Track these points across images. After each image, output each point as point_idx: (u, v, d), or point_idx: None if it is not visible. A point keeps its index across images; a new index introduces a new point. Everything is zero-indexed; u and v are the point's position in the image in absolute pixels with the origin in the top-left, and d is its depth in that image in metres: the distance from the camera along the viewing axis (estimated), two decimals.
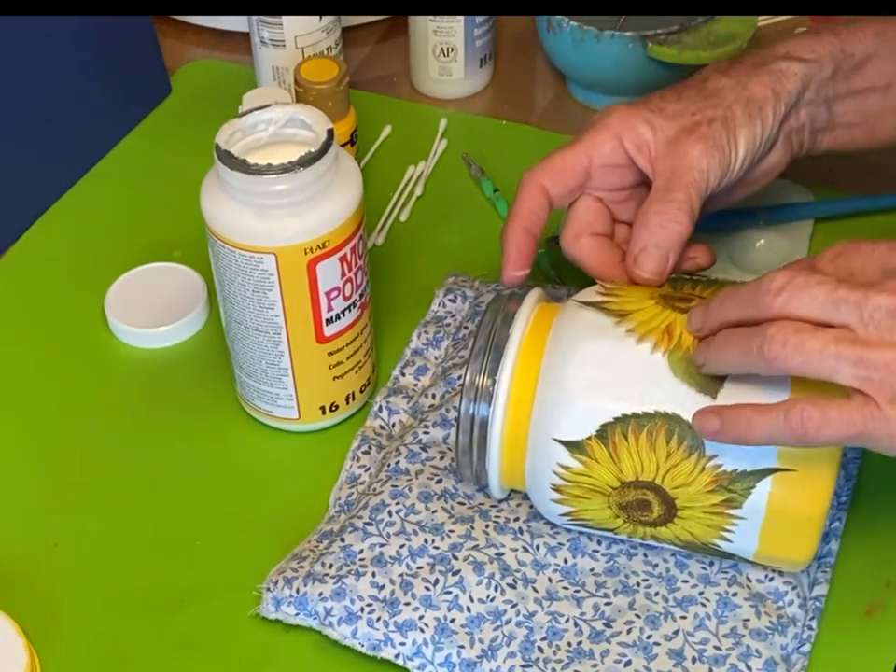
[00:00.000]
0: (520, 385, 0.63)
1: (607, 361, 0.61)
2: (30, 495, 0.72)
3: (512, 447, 0.64)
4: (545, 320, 0.65)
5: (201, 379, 0.78)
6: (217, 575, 0.68)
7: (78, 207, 0.89)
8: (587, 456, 0.61)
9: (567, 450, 0.61)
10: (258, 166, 0.64)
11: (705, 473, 0.60)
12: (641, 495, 0.62)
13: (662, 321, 0.61)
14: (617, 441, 0.61)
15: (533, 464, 0.63)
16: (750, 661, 0.62)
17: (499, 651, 0.63)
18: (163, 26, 1.00)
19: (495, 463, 0.64)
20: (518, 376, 0.63)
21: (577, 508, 0.64)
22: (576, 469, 0.62)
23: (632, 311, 0.62)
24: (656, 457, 0.60)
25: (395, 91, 0.99)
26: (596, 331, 0.62)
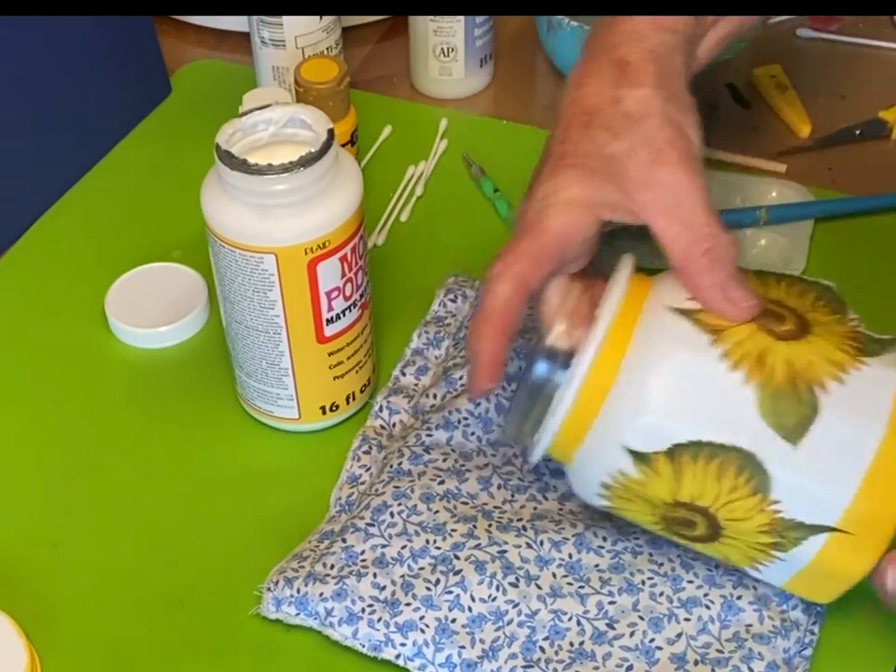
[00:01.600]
0: (601, 366, 0.59)
1: (695, 382, 0.58)
2: (30, 495, 0.72)
3: (575, 426, 0.60)
4: (636, 300, 0.61)
5: (201, 379, 0.78)
6: (217, 575, 0.68)
7: (78, 207, 0.89)
8: (651, 469, 0.59)
9: (631, 459, 0.59)
10: (258, 166, 0.64)
11: (763, 514, 0.59)
12: (690, 516, 0.60)
13: (755, 346, 0.58)
14: (685, 462, 0.58)
15: (588, 455, 0.61)
16: (753, 663, 0.62)
17: (501, 651, 0.63)
18: (163, 26, 1.00)
19: (549, 433, 0.61)
20: (602, 357, 0.59)
21: (618, 506, 0.62)
22: (634, 478, 0.60)
23: (726, 328, 0.59)
24: (720, 488, 0.58)
25: (395, 91, 0.99)
26: (690, 348, 0.59)
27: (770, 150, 0.91)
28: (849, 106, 0.95)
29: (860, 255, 0.84)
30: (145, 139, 0.94)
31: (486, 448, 0.71)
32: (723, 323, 0.59)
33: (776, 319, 0.60)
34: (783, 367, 0.58)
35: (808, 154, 0.91)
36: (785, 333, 0.59)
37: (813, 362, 0.58)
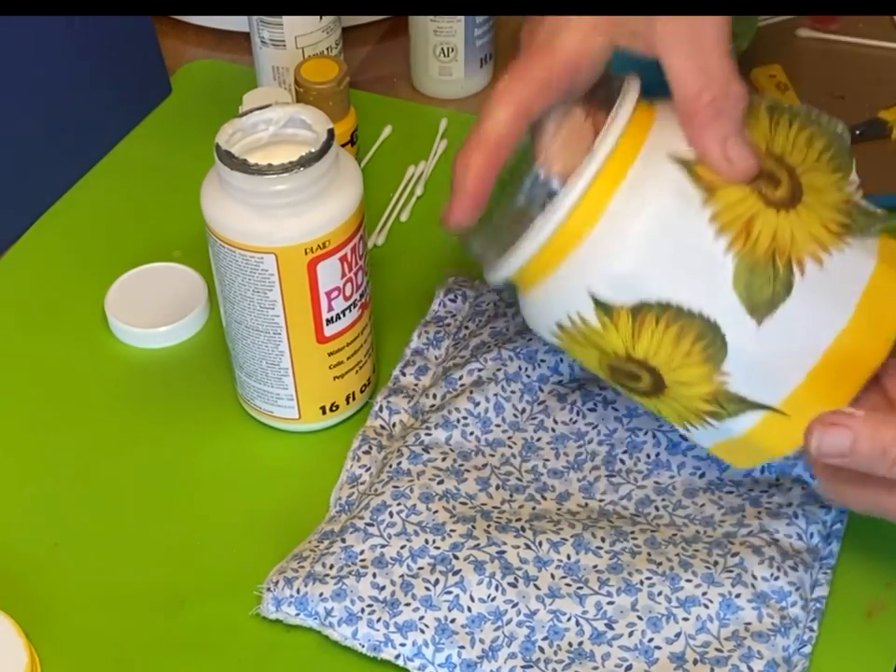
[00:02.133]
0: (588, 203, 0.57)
1: (678, 239, 0.57)
2: (30, 495, 0.72)
3: (547, 258, 0.58)
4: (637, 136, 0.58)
5: (201, 379, 0.78)
6: (217, 575, 0.68)
7: (78, 207, 0.89)
8: (611, 321, 0.58)
9: (594, 306, 0.58)
10: (258, 166, 0.64)
11: (709, 383, 0.59)
12: (637, 370, 0.60)
13: (746, 210, 0.57)
14: (647, 321, 0.58)
15: (552, 291, 0.59)
16: (752, 662, 0.62)
17: (500, 651, 0.63)
18: (163, 26, 1.00)
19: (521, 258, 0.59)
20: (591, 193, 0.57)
21: (569, 347, 0.61)
22: (592, 326, 0.59)
23: (721, 187, 0.57)
24: (674, 351, 0.58)
25: (395, 91, 0.99)
26: (681, 203, 0.56)
27: None
28: (849, 106, 0.95)
29: None
30: (145, 139, 0.94)
31: (485, 448, 0.71)
32: (719, 180, 0.57)
33: (771, 183, 0.58)
34: (767, 238, 0.57)
35: None
36: (777, 200, 0.57)
37: (797, 237, 0.57)
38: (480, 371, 0.73)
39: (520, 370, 0.73)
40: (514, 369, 0.73)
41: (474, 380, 0.73)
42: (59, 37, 0.85)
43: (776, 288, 0.57)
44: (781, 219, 0.57)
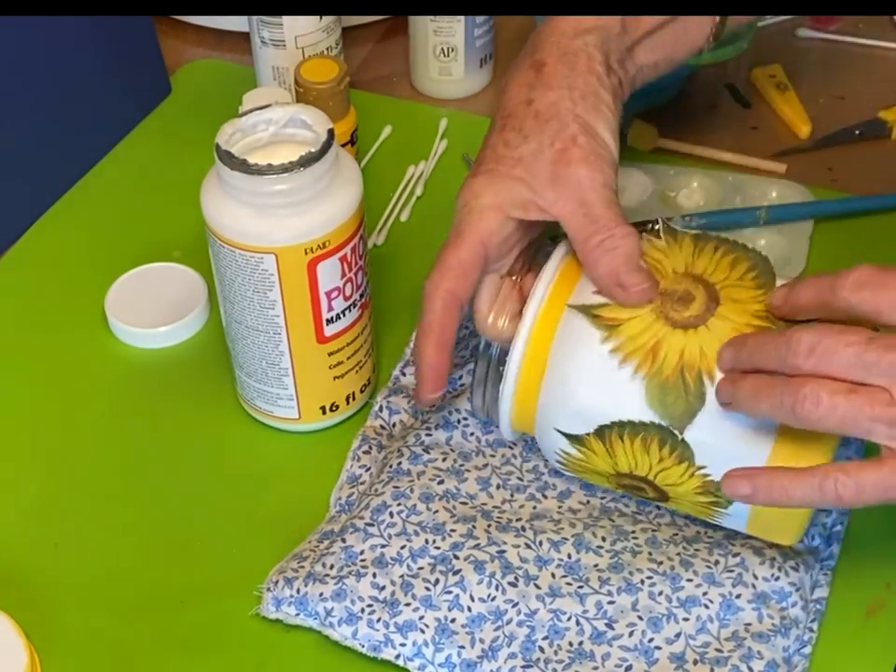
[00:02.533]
0: (530, 363, 0.64)
1: (596, 377, 0.62)
2: (30, 495, 0.72)
3: (522, 413, 0.65)
4: (563, 292, 0.64)
5: (201, 379, 0.78)
6: (217, 575, 0.68)
7: (78, 207, 0.89)
8: (586, 448, 0.63)
9: (567, 440, 0.64)
10: (258, 166, 0.64)
11: (694, 479, 0.62)
12: (637, 483, 0.64)
13: (650, 337, 0.61)
14: (613, 439, 0.62)
15: (539, 435, 0.66)
16: (752, 662, 0.62)
17: (500, 651, 0.63)
18: (163, 26, 1.00)
19: (504, 417, 0.66)
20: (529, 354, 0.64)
21: (578, 476, 0.67)
22: (576, 456, 0.64)
23: (623, 321, 0.62)
24: (649, 459, 0.62)
25: (395, 90, 0.99)
26: (583, 349, 0.62)
27: (770, 150, 0.91)
28: (849, 106, 0.95)
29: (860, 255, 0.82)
30: (145, 139, 0.94)
31: (485, 448, 0.71)
32: (621, 316, 0.62)
33: (681, 304, 0.62)
34: (675, 357, 0.61)
35: (808, 154, 0.91)
36: (685, 320, 0.61)
37: (706, 351, 0.61)
38: None
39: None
40: None
41: None
42: (59, 38, 0.85)
43: (689, 400, 0.60)
44: (689, 338, 0.61)
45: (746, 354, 0.59)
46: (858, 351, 0.55)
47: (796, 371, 0.56)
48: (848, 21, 1.02)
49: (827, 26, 1.02)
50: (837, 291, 0.56)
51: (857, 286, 0.56)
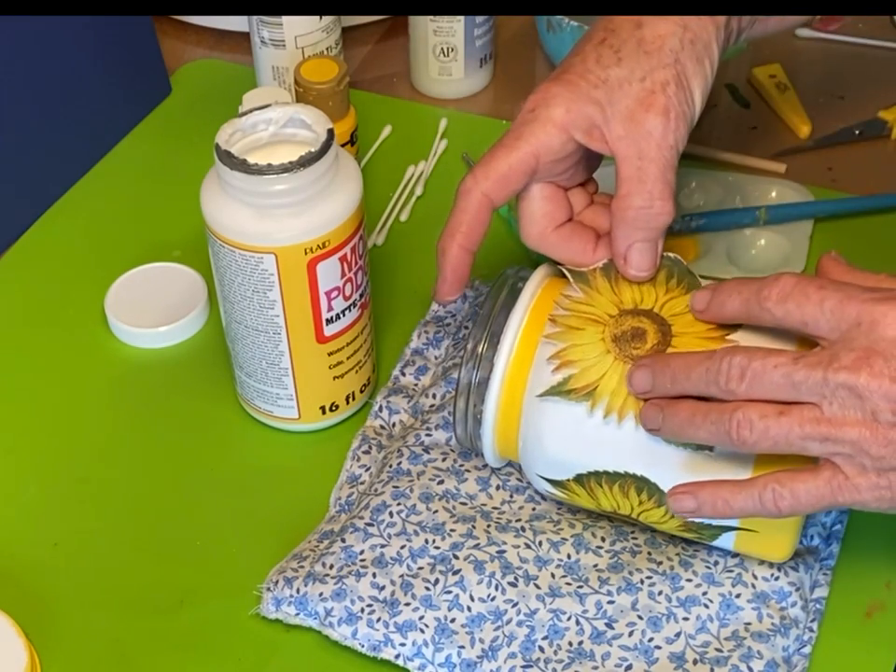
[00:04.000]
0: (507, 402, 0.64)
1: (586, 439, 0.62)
2: (30, 495, 0.72)
3: (504, 448, 0.66)
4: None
5: (201, 379, 0.78)
6: (217, 575, 0.68)
7: (78, 207, 0.89)
8: (568, 490, 0.64)
9: (549, 484, 0.65)
10: (258, 166, 0.64)
11: (674, 520, 0.63)
12: (624, 520, 0.66)
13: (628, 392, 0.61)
14: (593, 485, 0.63)
15: (523, 468, 0.66)
16: (752, 662, 0.62)
17: (500, 651, 0.63)
18: (163, 26, 1.00)
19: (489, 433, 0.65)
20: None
21: (572, 506, 0.67)
22: (560, 496, 0.65)
23: (594, 384, 0.61)
24: (630, 503, 0.63)
25: (395, 90, 0.99)
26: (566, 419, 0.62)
27: (770, 150, 0.91)
28: (849, 106, 0.95)
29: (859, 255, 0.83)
30: (145, 139, 0.94)
31: None
32: (592, 379, 0.61)
33: (637, 340, 0.62)
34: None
35: (808, 154, 0.92)
36: (650, 352, 0.61)
37: None
38: None
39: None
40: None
41: None
42: (59, 38, 0.85)
43: None
44: None
45: (669, 378, 0.59)
46: (786, 371, 0.55)
47: (731, 396, 0.56)
48: (848, 21, 1.02)
49: (827, 26, 1.02)
50: (763, 303, 0.57)
51: (781, 298, 0.57)
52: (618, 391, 0.61)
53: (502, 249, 0.84)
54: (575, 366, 0.62)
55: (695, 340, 0.61)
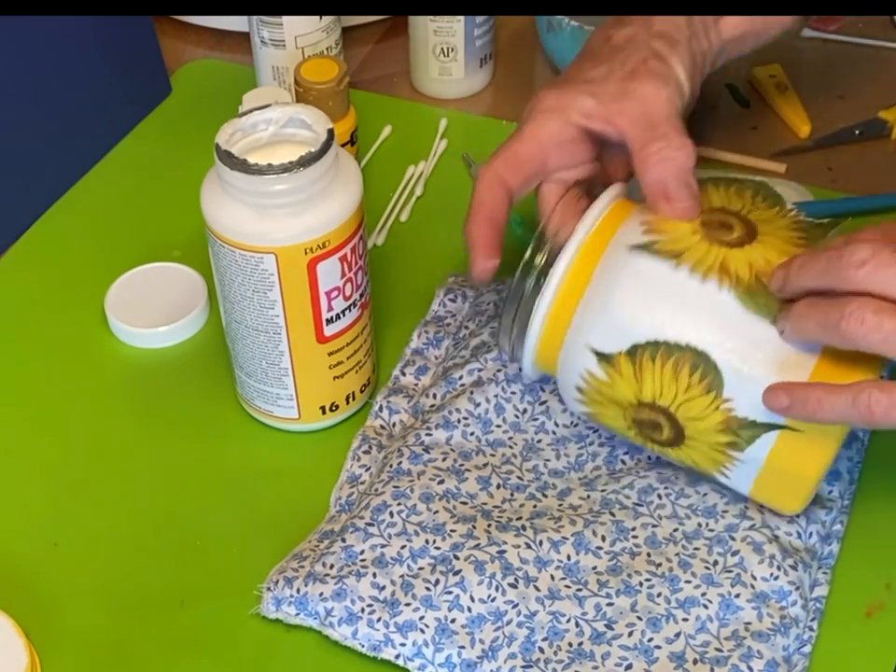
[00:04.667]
0: (573, 279, 0.64)
1: (657, 290, 0.62)
2: (30, 495, 0.72)
3: (552, 334, 0.65)
4: (618, 218, 0.65)
5: (201, 379, 0.78)
6: (217, 575, 0.68)
7: (78, 207, 0.89)
8: (614, 370, 0.63)
9: (596, 359, 0.64)
10: (258, 166, 0.64)
11: (718, 413, 0.62)
12: (655, 417, 0.64)
13: (714, 258, 0.62)
14: (644, 362, 0.62)
15: (565, 360, 0.65)
16: (752, 662, 0.62)
17: (500, 651, 0.63)
18: (163, 26, 1.00)
19: (532, 343, 0.66)
20: (573, 270, 0.64)
21: (595, 411, 0.66)
22: (600, 379, 0.64)
23: (683, 251, 0.62)
24: (677, 387, 0.62)
25: (395, 90, 0.99)
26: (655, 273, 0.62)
27: (770, 150, 0.91)
28: (849, 106, 0.95)
29: None
30: (145, 139, 0.94)
31: (485, 448, 0.71)
32: (680, 246, 0.63)
33: (724, 229, 0.63)
34: (745, 269, 0.62)
35: (808, 154, 0.92)
36: (736, 241, 0.63)
37: (771, 260, 0.62)
38: (480, 372, 0.73)
39: (520, 370, 0.73)
40: (515, 369, 0.73)
41: (474, 380, 0.73)
42: (59, 38, 0.85)
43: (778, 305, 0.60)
44: (748, 252, 0.62)
45: (795, 269, 0.59)
46: None
47: (847, 283, 0.57)
48: (848, 21, 1.02)
49: (827, 26, 1.01)
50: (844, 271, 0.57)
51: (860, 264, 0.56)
52: (705, 257, 0.62)
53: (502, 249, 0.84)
54: (664, 234, 0.63)
55: (780, 242, 0.62)
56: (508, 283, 0.67)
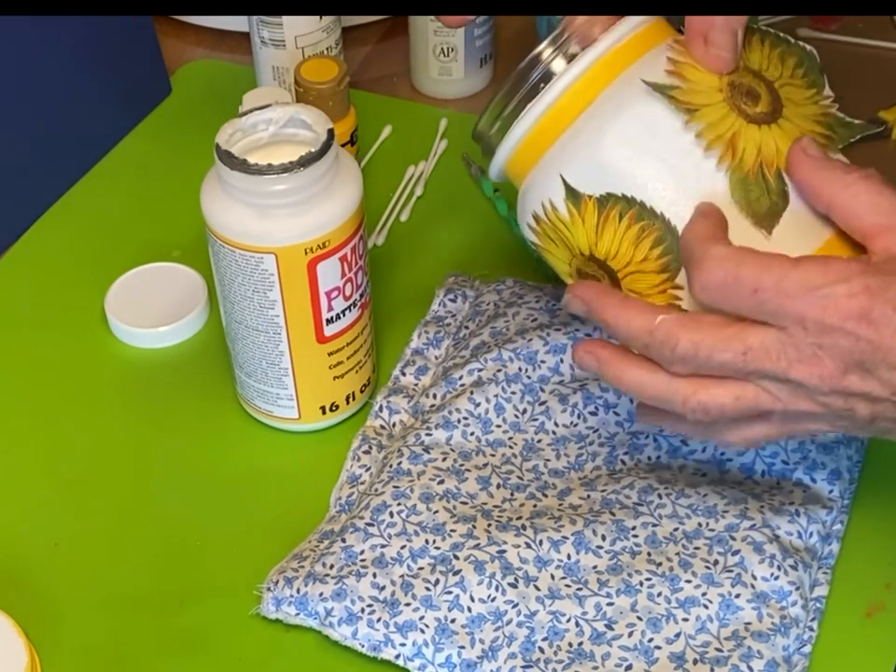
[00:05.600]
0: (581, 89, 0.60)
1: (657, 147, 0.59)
2: (30, 495, 0.72)
3: (533, 143, 0.62)
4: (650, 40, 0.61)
5: (201, 379, 0.78)
6: (217, 575, 0.68)
7: (78, 207, 0.89)
8: (577, 211, 0.60)
9: (564, 192, 0.60)
10: (258, 166, 0.64)
11: (662, 297, 0.60)
12: (599, 275, 0.61)
13: (727, 128, 0.59)
14: (611, 216, 0.59)
15: (535, 178, 0.62)
16: (752, 662, 0.62)
17: (500, 651, 0.63)
18: (163, 26, 1.00)
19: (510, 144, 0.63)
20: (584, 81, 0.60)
21: (544, 245, 0.64)
22: (561, 215, 0.61)
23: (701, 106, 0.59)
24: (633, 254, 0.59)
25: (395, 90, 0.99)
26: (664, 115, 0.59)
27: None
28: (849, 106, 0.95)
29: None
30: (145, 139, 0.94)
31: (485, 448, 0.71)
32: (699, 101, 0.59)
33: (750, 99, 0.60)
34: (753, 153, 0.59)
35: None
36: (757, 116, 0.59)
37: (781, 149, 0.59)
38: (480, 372, 0.73)
39: (520, 371, 0.73)
40: (515, 370, 0.73)
41: (474, 380, 0.73)
42: (59, 37, 0.85)
43: (772, 199, 0.58)
44: (764, 134, 0.59)
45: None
46: None
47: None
48: (848, 21, 1.02)
49: (827, 26, 1.01)
50: None
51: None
52: (719, 123, 0.58)
53: (502, 249, 0.84)
54: (688, 81, 0.59)
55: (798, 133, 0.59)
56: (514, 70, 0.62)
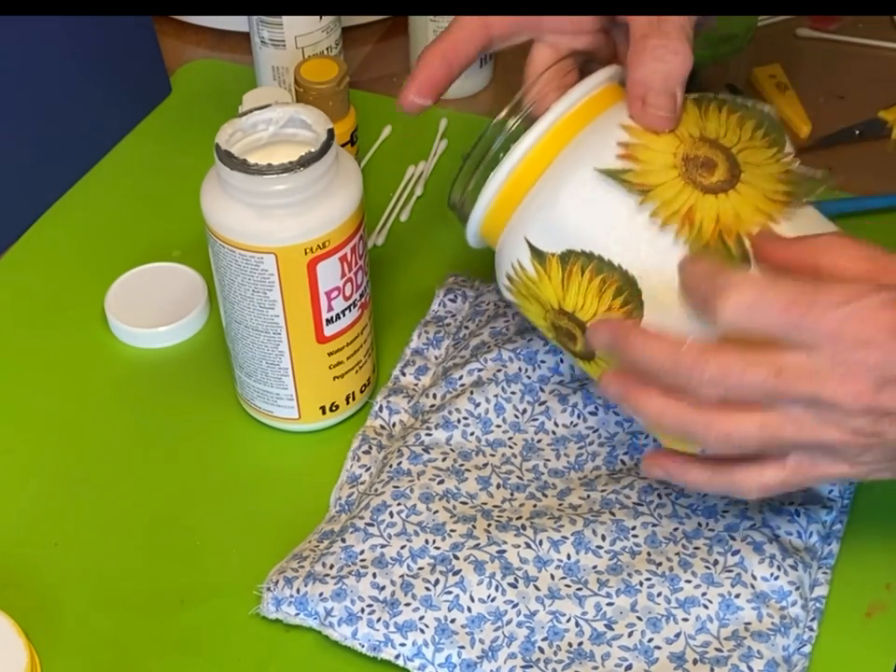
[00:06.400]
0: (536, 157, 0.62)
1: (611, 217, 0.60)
2: (30, 495, 0.72)
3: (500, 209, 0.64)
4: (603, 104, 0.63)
5: (201, 379, 0.78)
6: (217, 575, 0.68)
7: (78, 207, 0.89)
8: (543, 269, 0.62)
9: (530, 253, 0.62)
10: (258, 166, 0.64)
11: None
12: (572, 328, 0.63)
13: (683, 202, 0.60)
14: (574, 271, 0.61)
15: (505, 241, 0.64)
16: (752, 662, 0.62)
17: (500, 651, 0.63)
18: (163, 26, 1.00)
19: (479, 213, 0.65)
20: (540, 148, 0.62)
21: (521, 304, 0.66)
22: (530, 274, 0.63)
23: (654, 186, 0.60)
24: (598, 306, 0.61)
25: (395, 91, 0.98)
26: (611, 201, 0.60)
27: None
28: (849, 106, 0.95)
29: None
30: (145, 139, 0.94)
31: (485, 448, 0.71)
32: (650, 181, 0.60)
33: (706, 169, 0.61)
34: (711, 222, 0.59)
35: (808, 154, 0.91)
36: (714, 185, 0.60)
37: (742, 214, 0.60)
38: (480, 372, 0.73)
39: (520, 371, 0.73)
40: (515, 370, 0.73)
41: (474, 380, 0.73)
42: (59, 37, 0.85)
43: (735, 264, 0.59)
44: (721, 202, 0.60)
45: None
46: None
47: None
48: (848, 21, 1.02)
49: (827, 26, 1.02)
50: None
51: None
52: (674, 200, 0.59)
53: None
54: (640, 163, 0.60)
55: (759, 195, 0.60)
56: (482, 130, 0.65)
